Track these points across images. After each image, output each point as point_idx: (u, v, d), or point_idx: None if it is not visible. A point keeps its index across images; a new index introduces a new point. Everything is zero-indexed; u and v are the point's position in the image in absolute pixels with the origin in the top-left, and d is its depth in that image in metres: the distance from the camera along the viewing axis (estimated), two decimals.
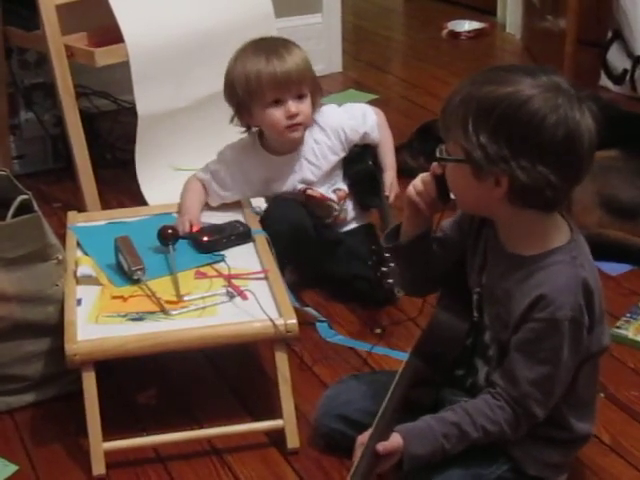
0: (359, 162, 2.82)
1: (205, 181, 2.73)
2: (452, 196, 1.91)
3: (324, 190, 2.78)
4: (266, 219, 2.69)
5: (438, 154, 1.85)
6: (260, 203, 2.82)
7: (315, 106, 2.73)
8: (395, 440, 1.85)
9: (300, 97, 2.66)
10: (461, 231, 2.02)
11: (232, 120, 2.72)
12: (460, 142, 1.77)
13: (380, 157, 2.84)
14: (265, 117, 2.67)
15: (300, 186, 2.75)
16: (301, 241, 2.67)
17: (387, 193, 2.77)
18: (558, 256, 1.82)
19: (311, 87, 2.69)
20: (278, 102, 2.65)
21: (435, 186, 1.91)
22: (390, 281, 2.54)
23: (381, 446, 1.84)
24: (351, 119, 2.80)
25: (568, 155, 1.74)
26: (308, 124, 2.72)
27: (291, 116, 2.66)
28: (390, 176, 2.81)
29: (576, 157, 1.75)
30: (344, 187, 2.81)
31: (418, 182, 1.95)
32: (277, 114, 2.67)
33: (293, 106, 2.66)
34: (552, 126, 1.71)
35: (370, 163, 2.81)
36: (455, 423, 1.86)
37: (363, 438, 1.89)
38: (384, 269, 2.54)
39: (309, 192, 2.75)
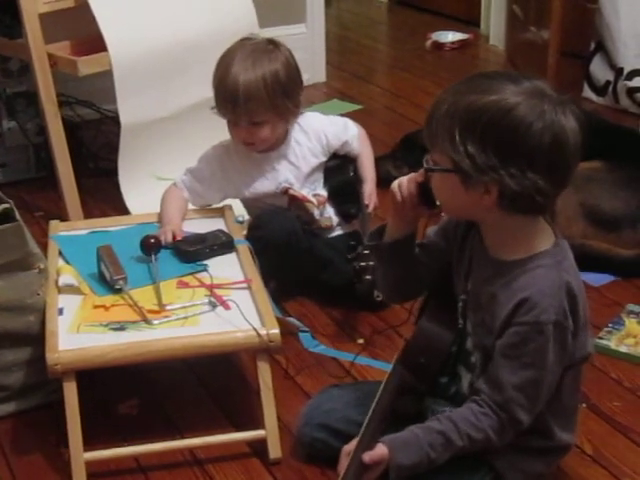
0: (340, 172, 2.84)
1: (185, 182, 2.75)
2: (437, 203, 1.91)
3: (304, 193, 2.79)
4: (258, 226, 2.69)
5: (425, 164, 1.85)
6: (243, 212, 2.82)
7: (288, 122, 2.73)
8: (380, 450, 1.85)
9: (254, 124, 2.66)
10: (446, 238, 2.02)
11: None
12: (447, 153, 1.76)
13: (360, 170, 2.87)
14: (227, 126, 2.72)
15: (282, 185, 2.76)
16: (294, 246, 2.68)
17: (367, 202, 2.78)
18: (542, 260, 1.83)
19: (274, 110, 2.65)
20: (233, 122, 2.68)
21: (418, 192, 1.91)
22: (368, 277, 2.48)
23: (367, 456, 1.83)
24: (333, 125, 2.83)
25: (556, 159, 1.74)
26: (269, 144, 2.73)
27: (243, 139, 2.69)
28: (369, 187, 2.83)
29: (563, 161, 1.76)
30: (324, 193, 2.82)
31: (405, 177, 1.95)
32: (233, 132, 2.71)
33: (244, 132, 2.68)
34: (539, 132, 1.71)
35: (352, 174, 2.83)
36: (440, 432, 1.86)
37: (349, 448, 1.89)
38: (362, 264, 2.51)
39: (291, 191, 2.77)
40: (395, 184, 1.96)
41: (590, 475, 2.13)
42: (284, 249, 2.65)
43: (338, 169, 2.84)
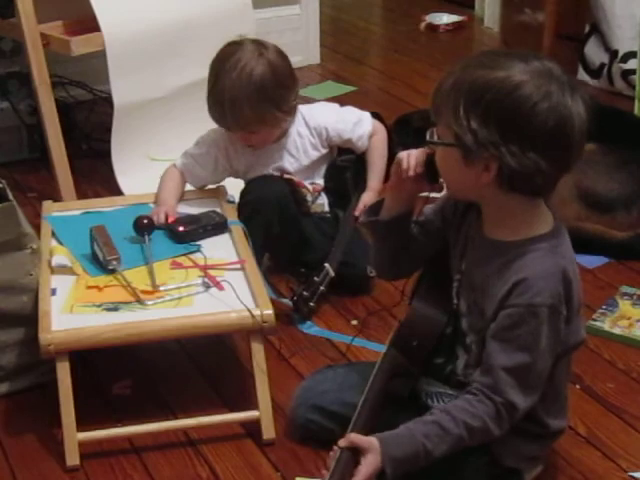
0: (342, 173, 2.82)
1: (186, 165, 2.73)
2: (440, 180, 1.90)
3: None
4: (248, 191, 2.70)
5: (428, 137, 1.84)
6: (235, 192, 2.82)
7: (286, 123, 2.71)
8: (367, 439, 1.81)
9: (248, 132, 2.67)
10: (444, 218, 2.01)
11: None
12: (451, 126, 1.76)
13: (367, 174, 2.82)
14: None
15: (277, 173, 2.76)
16: (283, 209, 2.67)
17: (356, 214, 2.73)
18: (539, 244, 1.82)
19: (263, 122, 2.64)
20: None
21: (425, 163, 1.90)
22: (312, 305, 2.59)
23: (344, 441, 1.80)
24: (339, 123, 2.78)
25: (559, 143, 1.73)
26: (269, 143, 2.73)
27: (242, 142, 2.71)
28: (368, 197, 2.75)
29: (567, 145, 1.75)
30: (320, 182, 2.82)
31: (415, 150, 1.93)
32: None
33: (240, 137, 2.70)
34: (543, 113, 1.70)
35: (348, 175, 2.81)
36: (434, 422, 1.82)
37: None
38: (306, 293, 2.58)
39: (286, 176, 2.76)
40: (404, 153, 1.94)
41: (583, 456, 2.14)
42: (273, 211, 2.64)
43: (341, 170, 2.83)
